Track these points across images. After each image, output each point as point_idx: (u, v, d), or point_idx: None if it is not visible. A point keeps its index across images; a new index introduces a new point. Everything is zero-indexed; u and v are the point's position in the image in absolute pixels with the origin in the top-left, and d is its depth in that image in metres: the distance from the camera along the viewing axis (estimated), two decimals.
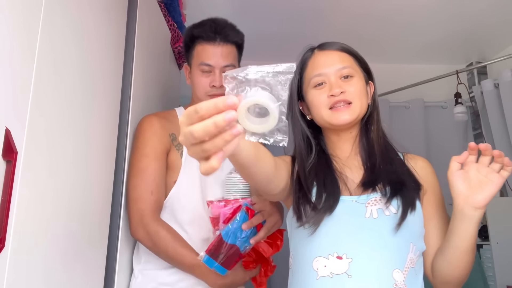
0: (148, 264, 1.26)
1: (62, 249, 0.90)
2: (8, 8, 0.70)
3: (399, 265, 0.88)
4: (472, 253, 0.90)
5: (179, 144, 1.32)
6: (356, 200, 0.94)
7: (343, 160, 1.02)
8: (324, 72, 0.99)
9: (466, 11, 2.49)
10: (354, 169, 1.00)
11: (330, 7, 2.46)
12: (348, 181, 0.97)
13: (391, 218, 0.91)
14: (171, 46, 1.97)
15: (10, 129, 0.69)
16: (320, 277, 0.89)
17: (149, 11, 1.56)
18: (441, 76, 2.89)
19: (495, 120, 2.76)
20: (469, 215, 0.86)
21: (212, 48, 1.32)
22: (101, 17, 1.12)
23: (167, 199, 1.28)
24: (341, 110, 0.96)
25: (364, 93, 1.00)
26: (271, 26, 2.64)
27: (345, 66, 0.99)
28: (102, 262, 1.13)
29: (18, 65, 0.73)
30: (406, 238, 0.91)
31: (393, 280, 0.87)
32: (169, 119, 1.35)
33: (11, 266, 0.71)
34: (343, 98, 0.96)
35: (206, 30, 1.34)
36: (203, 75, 1.33)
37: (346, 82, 0.98)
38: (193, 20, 1.38)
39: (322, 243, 0.91)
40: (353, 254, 0.88)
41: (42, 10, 0.81)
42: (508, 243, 2.42)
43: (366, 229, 0.90)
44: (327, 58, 1.01)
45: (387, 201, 0.92)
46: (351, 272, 0.87)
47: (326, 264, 0.89)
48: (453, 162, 0.88)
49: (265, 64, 0.53)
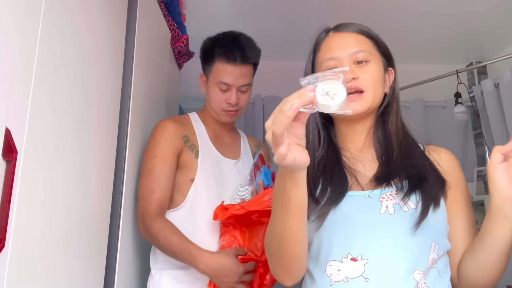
0: (165, 264, 1.31)
1: (62, 249, 0.91)
2: (8, 8, 0.70)
3: (420, 266, 0.80)
4: (507, 256, 0.80)
5: (193, 145, 1.39)
6: (368, 195, 0.86)
7: (354, 153, 0.93)
8: (337, 56, 0.90)
9: (466, 11, 2.49)
10: (368, 163, 0.92)
11: (329, 7, 2.46)
12: (359, 176, 0.89)
13: (410, 214, 0.82)
14: (171, 46, 1.97)
15: (10, 129, 0.69)
16: (334, 283, 0.81)
17: (149, 11, 1.56)
18: (441, 76, 2.89)
19: (495, 120, 2.76)
20: (509, 215, 0.76)
21: (232, 69, 1.38)
22: (101, 17, 1.12)
23: (186, 198, 1.34)
24: (352, 100, 0.86)
25: (379, 81, 0.91)
26: (270, 25, 2.64)
27: (361, 50, 0.90)
28: (102, 262, 1.13)
29: (18, 65, 0.73)
30: (428, 236, 0.82)
31: (415, 281, 0.79)
32: (183, 123, 1.43)
33: (11, 266, 0.71)
34: (355, 85, 0.87)
35: (229, 50, 1.38)
36: (220, 92, 1.40)
37: (361, 68, 0.89)
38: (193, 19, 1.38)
39: (334, 246, 0.83)
40: (369, 255, 0.80)
41: (42, 10, 0.81)
42: None
43: (382, 226, 0.82)
44: (342, 40, 0.92)
45: (405, 196, 0.83)
46: (367, 274, 0.79)
47: (340, 268, 0.81)
48: (495, 153, 0.77)
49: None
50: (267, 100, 2.97)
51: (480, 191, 2.74)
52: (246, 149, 1.54)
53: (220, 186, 1.38)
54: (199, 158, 1.38)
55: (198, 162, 1.37)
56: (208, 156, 1.40)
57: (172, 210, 1.35)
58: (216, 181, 1.37)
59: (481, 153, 3.02)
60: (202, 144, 1.41)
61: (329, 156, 0.92)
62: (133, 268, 1.34)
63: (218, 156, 1.42)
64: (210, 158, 1.40)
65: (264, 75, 1.98)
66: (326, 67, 0.90)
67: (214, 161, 1.40)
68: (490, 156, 0.79)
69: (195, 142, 1.40)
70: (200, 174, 1.36)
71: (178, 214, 1.34)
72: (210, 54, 1.42)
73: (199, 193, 1.35)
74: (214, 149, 1.42)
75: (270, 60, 2.91)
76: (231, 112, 1.41)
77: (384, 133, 0.93)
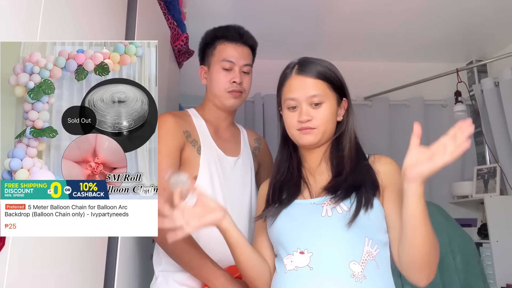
0: (169, 266, 1.28)
1: (62, 248, 0.91)
2: (8, 8, 0.70)
3: (355, 257, 0.98)
4: (421, 229, 0.92)
5: (194, 140, 1.37)
6: (313, 202, 1.07)
7: (312, 169, 1.15)
8: (296, 97, 1.10)
9: (467, 9, 2.49)
10: (321, 176, 1.13)
11: (329, 7, 2.46)
12: (311, 187, 1.12)
13: (343, 216, 1.01)
14: (171, 45, 1.97)
15: None
16: (288, 271, 1.02)
17: (148, 10, 1.56)
18: (441, 74, 2.89)
19: (495, 119, 2.76)
20: (405, 188, 0.91)
21: (234, 47, 1.43)
22: (100, 15, 1.12)
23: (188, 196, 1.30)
24: (307, 133, 1.09)
25: (331, 118, 1.11)
26: (270, 25, 2.64)
27: (316, 94, 1.09)
28: (102, 262, 1.13)
29: None
30: (360, 233, 1.00)
31: (350, 270, 0.97)
32: (183, 117, 1.41)
33: (11, 265, 0.71)
34: (308, 126, 1.09)
35: (230, 31, 1.46)
36: (223, 72, 1.42)
37: (315, 109, 1.09)
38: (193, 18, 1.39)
39: (287, 243, 1.05)
40: (313, 249, 1.01)
41: (42, 10, 0.81)
42: (508, 241, 2.43)
43: (323, 226, 1.02)
44: (301, 84, 1.10)
45: (338, 200, 1.03)
46: (312, 264, 0.99)
47: (292, 260, 1.02)
48: (412, 137, 0.91)
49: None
50: (267, 98, 2.97)
51: (479, 190, 2.75)
52: (246, 144, 1.52)
53: (224, 184, 1.36)
54: (201, 154, 1.36)
55: (200, 158, 1.35)
56: (210, 152, 1.38)
57: None
58: (219, 178, 1.35)
59: (481, 152, 3.02)
60: (203, 140, 1.38)
61: (292, 169, 1.16)
62: (133, 269, 1.34)
63: (219, 153, 1.40)
64: (212, 154, 1.38)
65: (264, 74, 1.98)
66: (288, 105, 1.12)
67: (216, 158, 1.39)
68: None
69: (196, 137, 1.38)
70: (203, 171, 1.34)
71: None
72: (211, 40, 1.46)
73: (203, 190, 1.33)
74: (215, 146, 1.40)
75: (270, 59, 2.92)
76: (235, 93, 1.41)
77: (337, 154, 1.13)
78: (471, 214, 2.97)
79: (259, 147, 1.58)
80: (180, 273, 1.26)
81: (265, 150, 1.59)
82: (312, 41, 2.80)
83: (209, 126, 1.43)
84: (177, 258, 1.22)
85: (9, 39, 0.71)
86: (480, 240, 2.59)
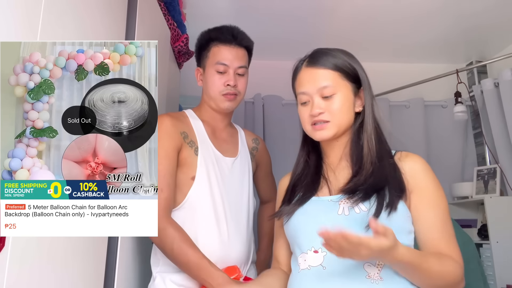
0: (167, 267, 1.28)
1: (62, 248, 0.91)
2: (8, 8, 0.70)
3: (371, 260, 0.94)
4: (414, 277, 0.93)
5: (191, 141, 1.37)
6: (331, 199, 1.03)
7: (333, 164, 1.11)
8: (307, 91, 1.06)
9: (466, 10, 2.49)
10: (342, 172, 1.08)
11: (329, 7, 2.46)
12: (331, 184, 1.08)
13: (361, 216, 0.96)
14: (171, 45, 1.98)
15: None
16: (301, 270, 1.00)
17: (149, 10, 1.56)
18: (441, 75, 2.89)
19: (495, 119, 2.76)
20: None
21: (228, 50, 1.42)
22: (101, 16, 1.12)
23: (186, 197, 1.31)
24: (320, 128, 1.05)
25: (345, 108, 1.05)
26: (269, 25, 2.64)
27: (327, 85, 1.04)
28: (102, 262, 1.13)
29: None
30: None
31: (365, 272, 0.94)
32: (180, 119, 1.41)
33: (11, 265, 0.71)
34: (320, 119, 1.04)
35: (224, 33, 1.43)
36: (217, 75, 1.41)
37: (327, 101, 1.04)
38: (193, 19, 1.39)
39: (302, 241, 1.02)
40: None
41: (42, 10, 0.81)
42: (508, 242, 2.42)
43: (338, 225, 0.94)
44: (311, 77, 1.06)
45: (357, 200, 0.98)
46: (325, 264, 0.97)
47: (306, 259, 1.00)
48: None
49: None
50: (267, 99, 2.97)
51: (479, 191, 2.74)
52: (243, 144, 1.52)
53: (221, 184, 1.35)
54: (198, 155, 1.35)
55: (198, 159, 1.35)
56: (207, 153, 1.37)
57: None
58: (217, 179, 1.35)
59: (481, 153, 3.02)
60: (200, 141, 1.38)
61: (311, 166, 1.13)
62: (133, 269, 1.34)
63: (217, 154, 1.40)
64: (209, 155, 1.37)
65: (264, 74, 1.99)
66: (300, 100, 1.09)
67: (214, 159, 1.39)
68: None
69: (193, 138, 1.38)
70: (200, 172, 1.33)
71: (177, 214, 1.29)
72: (206, 42, 1.45)
73: (200, 192, 1.31)
74: (213, 147, 1.40)
75: (270, 59, 2.92)
76: (230, 95, 1.40)
77: (357, 149, 1.07)
78: (471, 215, 2.96)
79: (257, 147, 1.57)
80: (178, 274, 1.26)
81: (263, 150, 1.59)
82: (312, 41, 2.80)
83: (206, 127, 1.43)
84: (174, 259, 1.22)
85: (9, 39, 0.71)
86: (480, 241, 2.59)
